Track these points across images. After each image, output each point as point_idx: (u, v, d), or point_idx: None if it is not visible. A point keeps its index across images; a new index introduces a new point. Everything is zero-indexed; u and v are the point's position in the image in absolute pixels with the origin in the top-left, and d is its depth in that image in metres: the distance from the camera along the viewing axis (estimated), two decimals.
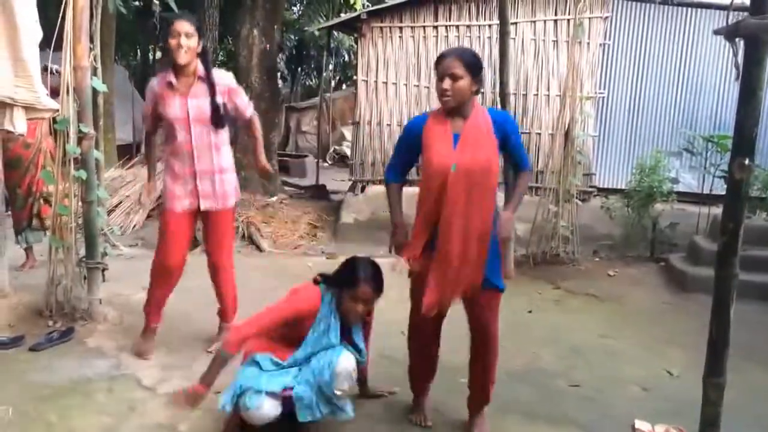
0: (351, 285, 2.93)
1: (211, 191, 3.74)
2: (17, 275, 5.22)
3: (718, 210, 5.93)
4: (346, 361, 2.87)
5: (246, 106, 3.89)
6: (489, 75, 8.30)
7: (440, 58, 2.90)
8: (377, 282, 2.97)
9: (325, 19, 16.75)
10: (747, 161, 2.13)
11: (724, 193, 2.29)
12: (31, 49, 3.87)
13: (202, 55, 3.68)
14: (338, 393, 2.83)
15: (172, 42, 3.54)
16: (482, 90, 3.24)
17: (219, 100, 3.69)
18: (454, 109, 2.90)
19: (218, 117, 3.68)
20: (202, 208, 3.75)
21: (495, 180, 2.91)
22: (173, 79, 3.65)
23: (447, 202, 2.84)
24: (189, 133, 3.67)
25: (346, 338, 3.04)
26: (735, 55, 2.22)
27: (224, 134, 3.80)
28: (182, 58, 3.55)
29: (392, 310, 4.34)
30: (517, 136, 3.02)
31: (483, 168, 2.83)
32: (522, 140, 3.14)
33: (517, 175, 3.11)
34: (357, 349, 3.06)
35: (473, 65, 2.87)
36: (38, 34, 3.94)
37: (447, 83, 2.84)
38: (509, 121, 3.04)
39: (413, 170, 3.42)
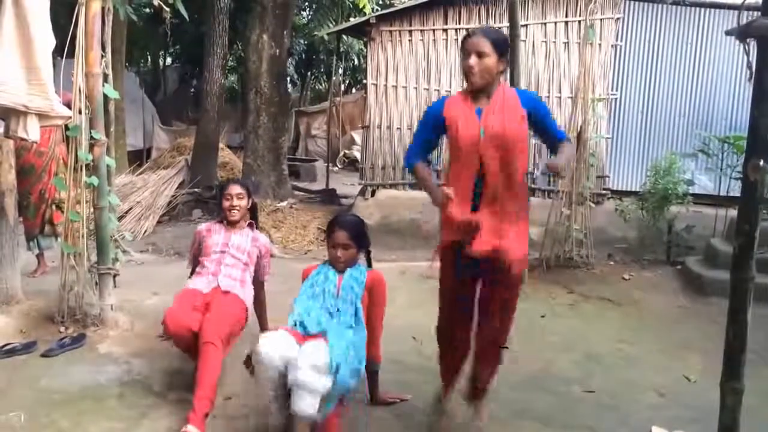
0: (329, 235, 3.33)
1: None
2: (29, 281, 5.26)
3: (735, 212, 5.85)
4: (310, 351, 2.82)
5: (267, 270, 4.18)
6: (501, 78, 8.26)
7: (467, 37, 2.86)
8: (347, 227, 3.29)
9: (334, 23, 16.79)
10: (762, 162, 2.10)
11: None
12: (45, 57, 3.88)
13: (252, 210, 4.15)
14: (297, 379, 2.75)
15: (226, 203, 3.99)
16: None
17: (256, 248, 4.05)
18: (479, 89, 2.87)
19: None
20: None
21: (525, 148, 2.87)
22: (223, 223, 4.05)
23: (485, 168, 2.80)
24: (220, 264, 3.87)
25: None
26: (747, 55, 2.19)
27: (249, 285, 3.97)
28: (234, 216, 3.99)
29: (403, 315, 4.33)
30: (546, 112, 2.95)
31: (511, 132, 2.78)
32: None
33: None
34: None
35: (500, 43, 2.84)
36: (51, 42, 3.96)
37: (473, 60, 2.79)
38: (537, 98, 3.01)
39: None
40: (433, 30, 8.61)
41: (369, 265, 3.47)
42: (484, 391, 3.16)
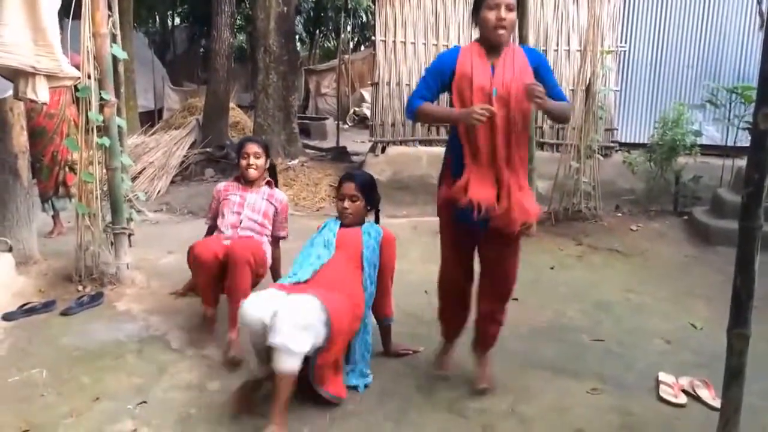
0: (338, 188, 3.47)
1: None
2: (46, 242, 5.34)
3: (742, 162, 5.84)
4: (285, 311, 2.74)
5: (285, 225, 4.20)
6: None
7: None
8: (355, 179, 3.40)
9: None
10: None
11: (748, 144, 2.25)
12: (51, 18, 3.88)
13: (271, 169, 4.18)
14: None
15: (243, 162, 4.00)
16: None
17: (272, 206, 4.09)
18: (498, 44, 2.82)
19: None
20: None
21: (530, 112, 2.87)
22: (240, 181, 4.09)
23: (494, 128, 2.76)
24: (236, 228, 3.92)
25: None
26: (759, 2, 2.16)
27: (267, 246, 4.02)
28: (252, 175, 4.01)
29: (416, 270, 4.38)
30: (549, 70, 2.94)
31: (521, 96, 2.75)
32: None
33: None
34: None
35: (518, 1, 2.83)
36: (57, 2, 3.95)
37: (504, 12, 2.73)
38: (542, 55, 3.00)
39: None
40: None
41: (376, 221, 3.58)
42: (492, 342, 3.24)
